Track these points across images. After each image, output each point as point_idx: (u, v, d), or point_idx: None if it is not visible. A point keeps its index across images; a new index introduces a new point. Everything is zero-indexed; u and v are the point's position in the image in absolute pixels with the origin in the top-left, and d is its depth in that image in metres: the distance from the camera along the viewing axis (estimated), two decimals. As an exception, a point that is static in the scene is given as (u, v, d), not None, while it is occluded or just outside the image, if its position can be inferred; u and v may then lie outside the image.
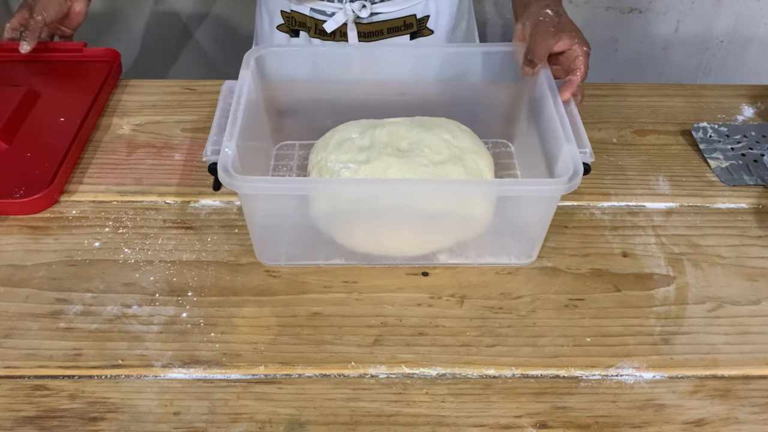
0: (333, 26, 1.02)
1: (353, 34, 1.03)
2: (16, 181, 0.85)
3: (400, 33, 1.05)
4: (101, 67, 1.05)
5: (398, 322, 0.73)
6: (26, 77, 1.03)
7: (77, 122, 0.93)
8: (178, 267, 0.78)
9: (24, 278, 0.76)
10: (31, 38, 1.02)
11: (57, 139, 0.91)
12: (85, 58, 1.06)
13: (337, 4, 1.01)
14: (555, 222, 0.81)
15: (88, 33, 1.74)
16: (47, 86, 1.01)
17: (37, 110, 0.96)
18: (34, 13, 1.03)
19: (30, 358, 0.69)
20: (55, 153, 0.89)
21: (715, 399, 0.67)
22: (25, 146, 0.90)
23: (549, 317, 0.74)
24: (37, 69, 1.04)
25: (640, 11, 1.65)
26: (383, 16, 1.03)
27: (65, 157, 0.88)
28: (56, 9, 1.04)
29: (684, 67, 1.75)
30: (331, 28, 1.02)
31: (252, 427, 0.64)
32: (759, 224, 0.84)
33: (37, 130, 0.93)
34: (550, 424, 0.65)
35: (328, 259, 0.79)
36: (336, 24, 1.02)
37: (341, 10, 1.01)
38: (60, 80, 1.03)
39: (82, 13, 1.09)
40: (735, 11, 1.66)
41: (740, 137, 0.96)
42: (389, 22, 1.04)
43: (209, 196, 0.86)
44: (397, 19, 1.04)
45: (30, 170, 0.87)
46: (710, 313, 0.74)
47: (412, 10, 1.04)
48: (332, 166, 0.78)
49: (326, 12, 1.02)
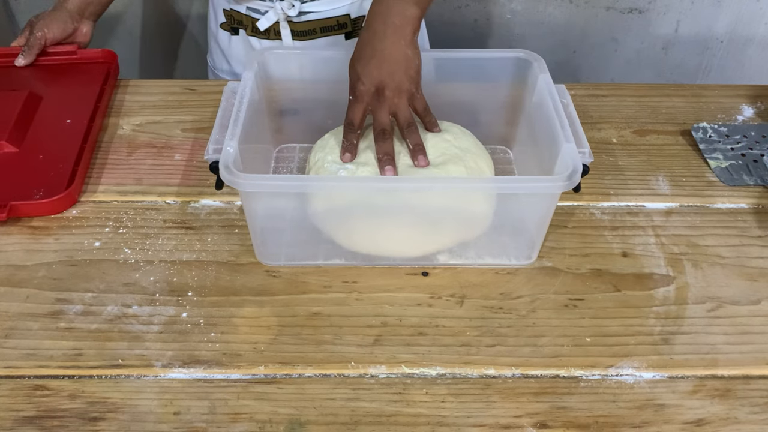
0: (266, 24, 1.04)
1: (286, 33, 1.05)
2: (32, 183, 0.85)
3: (333, 32, 1.06)
4: (99, 68, 1.05)
5: (398, 322, 0.73)
6: (25, 81, 1.03)
7: (84, 122, 0.94)
8: (178, 267, 0.78)
9: (24, 278, 0.76)
10: (28, 54, 1.03)
11: (67, 140, 0.91)
12: (83, 60, 1.06)
13: (268, 3, 1.03)
14: (555, 222, 0.81)
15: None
16: (48, 89, 1.01)
17: (42, 113, 0.96)
18: (34, 29, 1.03)
19: (30, 358, 0.69)
20: (68, 154, 0.89)
21: (715, 399, 0.67)
22: (35, 149, 0.90)
23: (549, 317, 0.74)
24: (35, 73, 1.04)
25: (640, 11, 1.65)
26: (314, 15, 1.04)
27: (80, 157, 0.88)
28: (60, 28, 1.05)
29: (684, 67, 1.75)
30: (264, 26, 1.04)
31: (252, 427, 0.64)
32: (759, 224, 0.84)
33: (45, 133, 0.93)
34: (550, 424, 0.65)
35: (328, 259, 0.79)
36: (268, 22, 1.04)
37: (272, 9, 1.02)
38: (59, 83, 1.03)
39: (88, 35, 1.09)
40: (735, 11, 1.66)
41: (740, 137, 0.96)
42: (321, 21, 1.04)
43: (209, 196, 0.86)
44: (329, 19, 1.05)
45: (45, 171, 0.87)
46: (710, 313, 0.74)
47: (345, 10, 1.05)
48: (330, 167, 0.78)
49: (260, 11, 1.04)
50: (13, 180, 0.86)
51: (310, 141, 0.88)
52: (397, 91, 0.78)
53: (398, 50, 0.78)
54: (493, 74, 0.88)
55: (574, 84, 1.02)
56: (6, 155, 0.89)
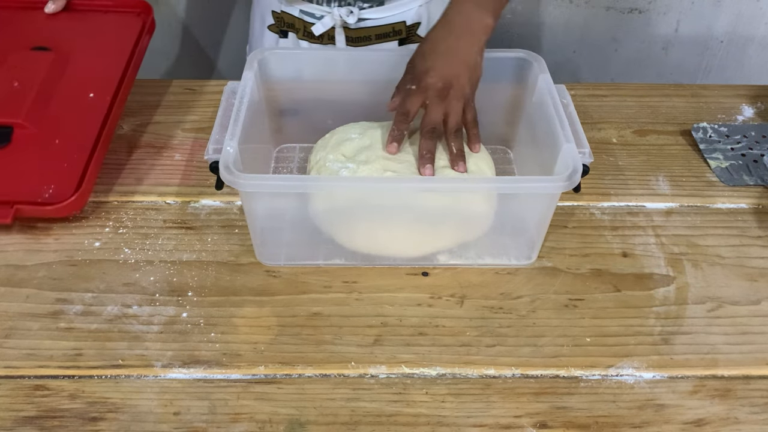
0: (321, 30, 1.02)
1: (341, 39, 1.03)
2: (45, 175, 0.80)
3: (388, 39, 1.05)
4: (134, 21, 0.94)
5: (398, 322, 0.73)
6: (51, 35, 0.92)
7: (107, 99, 0.86)
8: (178, 267, 0.78)
9: (24, 278, 0.76)
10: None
11: (86, 122, 0.84)
12: (117, 8, 0.97)
13: (325, 8, 1.01)
14: (555, 222, 0.81)
15: (88, 33, 1.73)
16: (75, 48, 0.91)
17: (66, 82, 0.87)
18: None
19: (30, 358, 0.69)
20: (85, 141, 0.82)
21: (715, 399, 0.67)
22: (53, 130, 0.83)
23: (549, 317, 0.74)
24: (64, 24, 0.94)
25: (640, 11, 1.65)
26: (371, 22, 1.03)
27: (93, 152, 0.82)
28: None
29: (684, 67, 1.75)
30: (318, 31, 1.03)
31: (252, 427, 0.64)
32: (759, 224, 0.84)
33: (65, 110, 0.86)
34: (550, 424, 0.65)
35: (328, 259, 0.79)
36: (324, 27, 1.02)
37: (329, 14, 1.01)
38: (89, 39, 0.93)
39: None
40: (735, 11, 1.66)
41: (740, 137, 0.96)
42: (377, 28, 1.03)
43: (209, 196, 0.86)
44: (385, 26, 1.04)
45: (59, 162, 0.81)
46: (710, 313, 0.74)
47: (401, 17, 1.04)
48: (331, 165, 0.78)
49: (315, 15, 1.03)
50: (24, 168, 0.81)
51: (310, 141, 0.88)
52: (459, 93, 0.78)
53: (470, 55, 0.78)
54: (493, 74, 0.88)
55: (574, 84, 1.01)
56: (22, 136, 0.82)
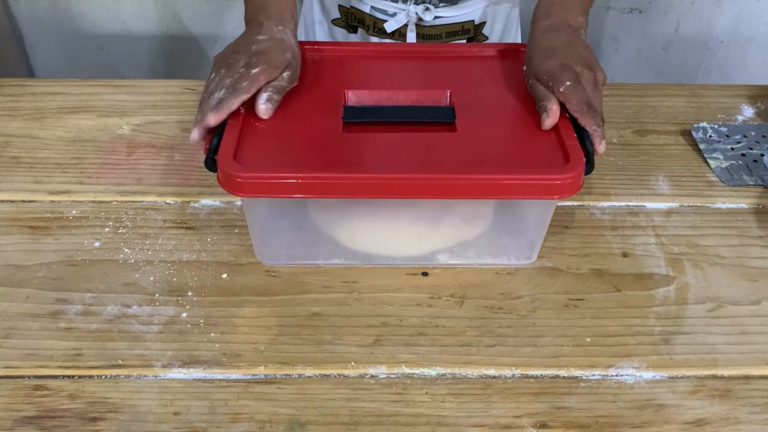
0: (394, 26, 1.02)
1: (412, 35, 1.03)
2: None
3: (457, 37, 1.06)
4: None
5: (398, 322, 0.73)
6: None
7: None
8: (178, 267, 0.78)
9: (24, 278, 0.76)
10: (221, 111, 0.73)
11: None
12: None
13: (399, 5, 1.01)
14: (555, 222, 0.81)
15: (89, 33, 1.74)
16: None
17: None
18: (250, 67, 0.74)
19: (30, 358, 0.69)
20: None
21: (715, 399, 0.67)
22: None
23: (549, 317, 0.74)
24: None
25: (640, 11, 1.66)
26: (444, 20, 1.03)
27: None
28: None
29: (684, 67, 1.75)
30: (391, 28, 1.02)
31: (252, 427, 0.64)
32: (759, 224, 0.84)
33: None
34: (550, 424, 0.65)
35: (328, 259, 0.79)
36: (397, 24, 1.02)
37: (404, 11, 1.01)
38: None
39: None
40: (735, 11, 1.66)
41: (740, 137, 0.96)
42: (449, 26, 1.04)
43: (209, 196, 0.86)
44: (456, 24, 1.04)
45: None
46: (710, 313, 0.74)
47: (471, 16, 1.05)
48: None
49: (387, 11, 1.02)
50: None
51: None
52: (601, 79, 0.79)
53: (584, 44, 0.81)
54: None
55: (574, 84, 1.01)
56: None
